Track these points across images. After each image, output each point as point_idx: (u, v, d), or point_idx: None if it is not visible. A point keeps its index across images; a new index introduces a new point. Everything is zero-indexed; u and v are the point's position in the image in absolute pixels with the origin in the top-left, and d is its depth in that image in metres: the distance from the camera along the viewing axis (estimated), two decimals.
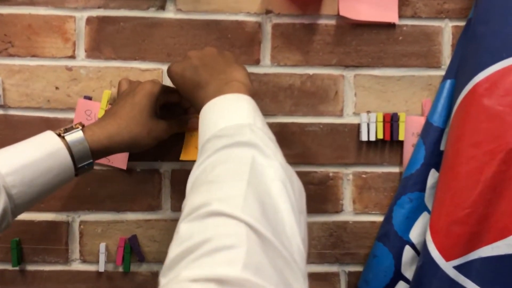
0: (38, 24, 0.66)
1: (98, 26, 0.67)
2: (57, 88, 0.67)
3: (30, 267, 0.67)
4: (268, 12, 0.68)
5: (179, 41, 0.68)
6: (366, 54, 0.69)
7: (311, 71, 0.69)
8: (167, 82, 0.67)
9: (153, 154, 0.68)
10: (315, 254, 0.69)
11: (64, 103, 0.67)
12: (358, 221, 0.70)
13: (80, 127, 0.54)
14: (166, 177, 0.68)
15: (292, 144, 0.69)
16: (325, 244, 0.69)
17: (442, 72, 0.69)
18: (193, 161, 0.43)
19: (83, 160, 0.53)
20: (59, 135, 0.52)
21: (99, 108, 0.66)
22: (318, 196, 0.69)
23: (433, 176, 0.65)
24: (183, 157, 0.66)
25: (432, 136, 0.66)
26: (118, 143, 0.56)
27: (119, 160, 0.67)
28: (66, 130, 0.53)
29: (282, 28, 0.69)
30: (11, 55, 0.67)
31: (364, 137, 0.68)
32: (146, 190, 0.68)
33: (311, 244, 0.69)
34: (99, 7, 0.67)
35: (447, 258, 0.60)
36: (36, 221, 0.67)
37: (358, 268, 0.70)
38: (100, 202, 0.68)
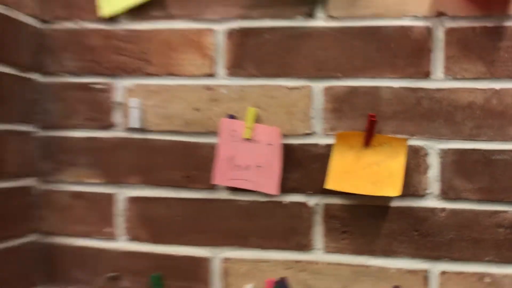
0: (175, 39, 0.61)
1: (239, 39, 0.60)
2: (197, 109, 0.61)
3: None
4: (440, 14, 0.56)
5: (331, 54, 0.58)
6: None
7: (497, 85, 0.56)
8: (317, 101, 0.58)
9: (299, 181, 0.59)
10: None
11: (205, 126, 0.61)
12: None
13: None
14: (316, 212, 0.59)
15: (474, 175, 0.56)
16: None
17: None
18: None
19: None
20: None
21: (244, 128, 0.59)
22: (510, 242, 0.56)
23: None
24: (330, 184, 0.57)
25: None
26: None
27: (267, 182, 0.59)
28: None
29: (458, 33, 0.56)
30: (148, 74, 0.62)
31: None
32: (294, 225, 0.60)
33: None
34: (239, 18, 0.60)
35: None
36: (176, 255, 0.62)
37: None
38: (243, 237, 0.61)
